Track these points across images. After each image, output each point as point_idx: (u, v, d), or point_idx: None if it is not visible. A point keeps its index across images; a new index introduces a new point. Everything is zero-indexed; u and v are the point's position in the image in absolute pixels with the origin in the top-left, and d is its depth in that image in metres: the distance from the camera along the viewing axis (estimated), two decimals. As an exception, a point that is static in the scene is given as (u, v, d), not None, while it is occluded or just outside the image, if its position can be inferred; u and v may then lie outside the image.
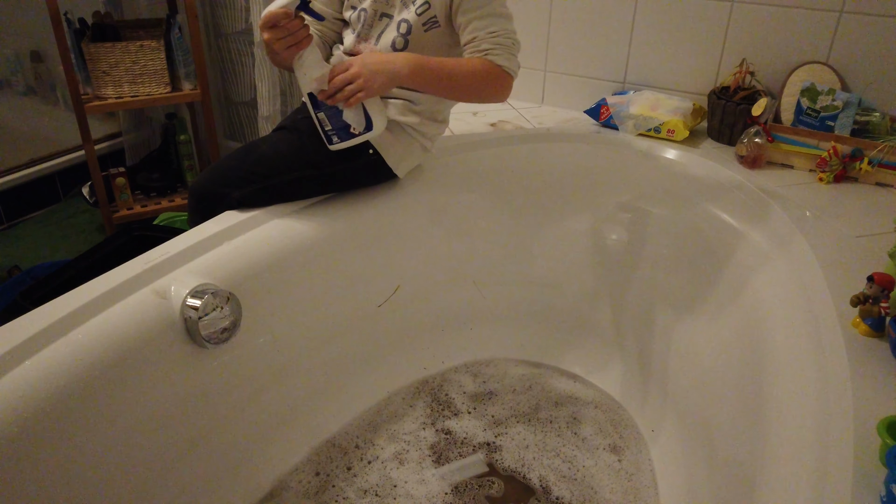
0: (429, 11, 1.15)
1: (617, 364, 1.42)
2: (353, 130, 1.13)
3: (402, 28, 1.17)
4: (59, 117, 2.47)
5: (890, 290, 0.90)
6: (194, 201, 1.23)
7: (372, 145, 1.22)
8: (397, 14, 1.17)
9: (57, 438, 0.83)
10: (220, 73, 2.53)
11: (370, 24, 1.20)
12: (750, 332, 1.08)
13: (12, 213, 2.31)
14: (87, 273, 1.18)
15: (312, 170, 1.21)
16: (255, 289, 1.10)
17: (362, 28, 1.21)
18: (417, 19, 1.15)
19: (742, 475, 0.92)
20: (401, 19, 1.17)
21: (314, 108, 1.13)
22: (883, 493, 0.66)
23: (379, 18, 1.19)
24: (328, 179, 1.25)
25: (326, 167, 1.22)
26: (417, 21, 1.16)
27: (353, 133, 1.13)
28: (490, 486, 1.20)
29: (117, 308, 0.93)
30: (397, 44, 1.18)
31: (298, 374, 1.24)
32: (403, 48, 1.18)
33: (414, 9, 1.15)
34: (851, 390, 0.80)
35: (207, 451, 1.07)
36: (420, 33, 1.17)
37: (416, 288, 1.42)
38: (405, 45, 1.18)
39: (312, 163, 1.21)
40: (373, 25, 1.20)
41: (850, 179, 1.39)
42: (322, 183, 1.25)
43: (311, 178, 1.22)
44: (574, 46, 1.73)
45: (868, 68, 1.42)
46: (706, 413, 1.14)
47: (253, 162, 1.20)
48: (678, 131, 1.52)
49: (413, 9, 1.15)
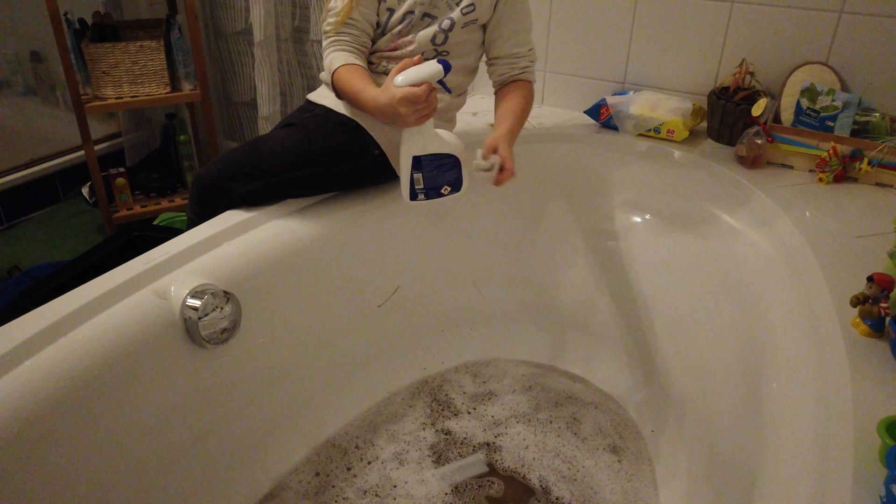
0: (473, 13, 1.22)
1: (617, 364, 1.42)
2: (444, 191, 1.17)
3: (444, 25, 1.21)
4: (59, 117, 2.47)
5: (890, 290, 0.90)
6: (196, 193, 1.23)
7: (379, 146, 1.23)
8: (441, 14, 1.22)
9: (57, 438, 0.83)
10: (220, 73, 2.53)
11: (413, 24, 1.22)
12: (750, 332, 1.08)
13: (12, 214, 2.31)
14: (87, 273, 1.18)
15: (318, 168, 1.21)
16: (255, 289, 1.10)
17: (404, 27, 1.22)
18: (462, 18, 1.22)
19: (742, 475, 0.92)
20: (447, 17, 1.21)
21: (413, 170, 1.14)
22: (883, 493, 0.66)
23: (421, 18, 1.22)
24: (333, 178, 1.25)
25: (332, 166, 1.22)
26: (461, 20, 1.22)
27: (441, 193, 1.17)
28: (490, 487, 1.20)
29: (117, 308, 0.93)
30: (437, 39, 1.23)
31: (298, 374, 1.24)
32: (443, 43, 1.23)
33: (459, 9, 1.21)
34: (851, 390, 0.80)
35: (207, 451, 1.07)
36: (458, 30, 1.23)
37: (416, 288, 1.42)
38: (445, 40, 1.23)
39: (318, 161, 1.21)
40: (415, 25, 1.22)
41: (850, 180, 1.39)
42: (326, 181, 1.25)
43: (316, 176, 1.22)
44: (574, 46, 1.73)
45: (868, 68, 1.42)
46: (706, 413, 1.14)
47: (259, 158, 1.20)
48: (678, 131, 1.52)
49: (458, 9, 1.21)
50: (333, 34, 1.20)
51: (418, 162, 1.13)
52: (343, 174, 1.25)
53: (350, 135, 1.22)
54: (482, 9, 1.22)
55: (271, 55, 2.10)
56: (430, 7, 1.21)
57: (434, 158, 1.13)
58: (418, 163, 1.13)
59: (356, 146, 1.22)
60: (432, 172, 1.14)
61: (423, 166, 1.13)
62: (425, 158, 1.12)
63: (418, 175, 1.14)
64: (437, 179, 1.15)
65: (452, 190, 1.17)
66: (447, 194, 1.17)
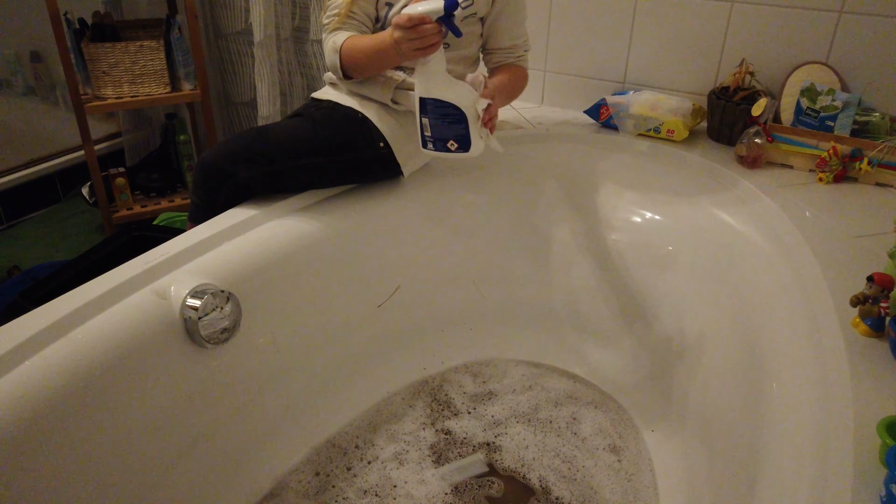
0: (471, 8, 1.23)
1: (617, 364, 1.42)
2: (450, 146, 1.14)
3: None
4: (59, 117, 2.47)
5: (890, 290, 0.90)
6: (201, 175, 1.23)
7: (385, 139, 1.24)
8: None
9: (57, 438, 0.83)
10: (220, 73, 2.53)
11: None
12: (750, 331, 1.08)
13: (12, 213, 2.31)
14: (87, 273, 1.18)
15: (321, 157, 1.22)
16: (255, 289, 1.10)
17: None
18: (461, 12, 1.21)
19: (742, 475, 0.92)
20: None
21: (420, 112, 1.13)
22: (883, 493, 0.66)
23: None
24: (335, 169, 1.25)
25: (335, 156, 1.23)
26: (460, 14, 1.21)
27: (448, 148, 1.14)
28: (490, 487, 1.20)
29: (117, 308, 0.93)
30: None
31: (298, 374, 1.24)
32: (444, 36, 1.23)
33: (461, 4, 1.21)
34: (851, 390, 0.80)
35: (207, 451, 1.07)
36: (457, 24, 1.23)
37: (417, 288, 1.42)
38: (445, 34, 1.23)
39: (322, 150, 1.22)
40: None
41: (850, 179, 1.39)
42: (329, 172, 1.25)
43: (318, 165, 1.23)
44: (574, 46, 1.73)
45: (868, 68, 1.42)
46: (706, 413, 1.14)
47: (264, 143, 1.21)
48: (678, 131, 1.52)
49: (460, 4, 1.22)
50: (334, 28, 1.21)
51: (424, 105, 1.11)
52: (346, 165, 1.25)
53: (356, 126, 1.23)
54: (481, 3, 1.24)
55: (271, 55, 2.10)
56: None
57: (439, 105, 1.10)
58: (424, 106, 1.11)
59: (361, 138, 1.23)
60: (437, 121, 1.12)
61: (429, 111, 1.11)
62: (431, 103, 1.10)
63: (425, 120, 1.12)
64: (444, 131, 1.12)
65: (459, 148, 1.13)
66: (454, 151, 1.13)
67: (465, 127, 1.11)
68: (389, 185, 1.35)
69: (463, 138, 1.12)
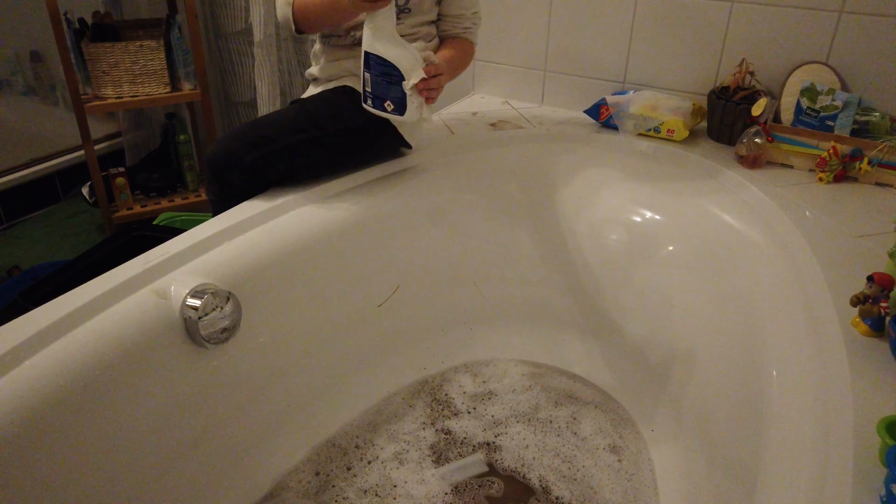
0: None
1: (617, 364, 1.42)
2: (387, 106, 1.14)
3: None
4: (59, 117, 2.47)
5: (890, 289, 0.90)
6: (210, 171, 1.27)
7: None
8: None
9: (57, 438, 0.83)
10: (220, 73, 2.53)
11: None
12: (750, 331, 1.08)
13: (12, 213, 2.31)
14: (87, 273, 1.18)
15: (317, 130, 1.26)
16: (255, 289, 1.10)
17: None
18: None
19: (742, 475, 0.92)
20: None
21: (364, 67, 1.14)
22: (883, 493, 0.66)
23: None
24: (335, 142, 1.29)
25: (328, 126, 1.27)
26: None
27: (384, 108, 1.14)
28: (490, 486, 1.20)
29: (117, 308, 0.93)
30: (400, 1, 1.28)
31: (298, 374, 1.24)
32: (405, 4, 1.29)
33: None
34: (851, 390, 0.80)
35: (207, 451, 1.07)
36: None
37: (416, 288, 1.42)
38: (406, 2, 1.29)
39: (317, 123, 1.26)
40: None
41: (850, 179, 1.39)
42: (328, 145, 1.29)
43: (316, 139, 1.27)
44: (574, 46, 1.73)
45: (868, 68, 1.42)
46: (706, 413, 1.14)
47: (262, 126, 1.26)
48: (678, 131, 1.52)
49: None
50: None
51: (368, 59, 1.11)
52: (343, 136, 1.29)
53: (341, 97, 1.29)
54: None
55: (271, 55, 2.10)
56: None
57: (381, 63, 1.10)
58: (368, 60, 1.12)
59: (348, 106, 1.27)
60: (378, 78, 1.12)
61: (371, 67, 1.12)
62: (373, 59, 1.10)
63: (367, 75, 1.13)
64: (383, 90, 1.12)
65: (395, 110, 1.14)
66: (390, 112, 1.14)
67: (402, 90, 1.11)
68: (390, 185, 1.35)
69: (399, 101, 1.13)
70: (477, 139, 1.57)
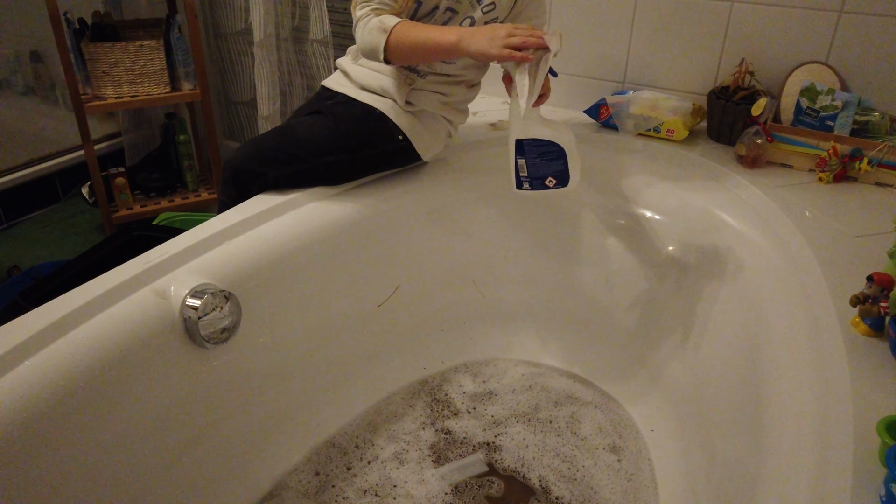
0: (493, 12, 1.24)
1: (617, 364, 1.42)
2: (548, 183, 1.16)
3: (466, 23, 1.24)
4: (59, 117, 2.46)
5: (889, 289, 0.90)
6: (230, 177, 1.29)
7: (403, 132, 1.28)
8: (463, 11, 1.23)
9: (57, 438, 0.83)
10: (220, 73, 2.53)
11: (436, 18, 1.24)
12: (749, 331, 1.08)
13: (12, 213, 2.31)
14: (87, 273, 1.18)
15: (346, 154, 1.28)
16: (255, 289, 1.10)
17: (428, 20, 1.24)
18: (482, 17, 1.24)
19: (742, 475, 0.92)
20: (467, 16, 1.23)
21: (517, 154, 1.13)
22: (882, 493, 0.67)
23: (444, 12, 1.24)
24: (360, 163, 1.31)
25: (359, 152, 1.28)
26: (482, 18, 1.24)
27: (546, 185, 1.16)
28: (490, 486, 1.20)
29: (117, 308, 0.93)
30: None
31: (298, 374, 1.24)
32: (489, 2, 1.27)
33: (480, 7, 1.23)
34: (851, 390, 0.80)
35: (207, 450, 1.07)
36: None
37: (416, 288, 1.42)
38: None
39: (346, 148, 1.27)
40: (437, 19, 1.25)
41: (850, 179, 1.39)
42: (354, 166, 1.31)
43: (344, 161, 1.28)
44: (574, 46, 1.73)
45: (868, 68, 1.42)
46: (706, 413, 1.15)
47: (291, 145, 1.27)
48: (678, 131, 1.52)
49: (479, 7, 1.23)
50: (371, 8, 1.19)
51: (521, 147, 1.12)
52: (370, 159, 1.31)
53: (375, 122, 1.28)
54: (501, 7, 1.25)
55: (271, 55, 2.10)
56: (454, 2, 1.23)
57: (538, 144, 1.11)
58: (521, 147, 1.12)
59: (381, 133, 1.28)
60: (535, 160, 1.13)
61: (527, 152, 1.12)
62: (528, 143, 1.11)
63: (521, 161, 1.14)
64: (542, 169, 1.13)
65: (558, 183, 1.15)
66: (552, 187, 1.15)
67: (565, 162, 1.14)
68: (390, 185, 1.35)
69: (562, 173, 1.15)
70: (477, 139, 1.57)
